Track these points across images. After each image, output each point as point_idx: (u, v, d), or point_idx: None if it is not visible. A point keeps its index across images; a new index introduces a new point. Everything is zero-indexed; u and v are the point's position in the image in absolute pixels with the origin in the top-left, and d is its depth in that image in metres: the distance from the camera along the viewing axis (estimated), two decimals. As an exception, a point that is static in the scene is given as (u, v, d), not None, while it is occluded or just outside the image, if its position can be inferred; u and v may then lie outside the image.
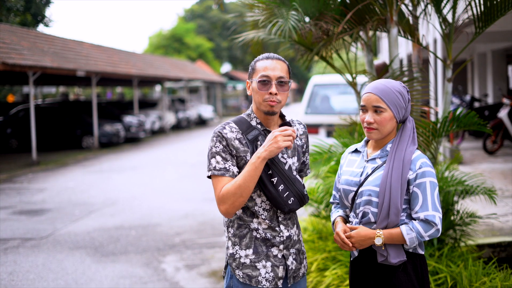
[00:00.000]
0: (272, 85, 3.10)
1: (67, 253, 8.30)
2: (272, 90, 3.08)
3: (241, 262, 3.18)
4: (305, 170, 3.45)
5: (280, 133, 2.98)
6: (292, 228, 3.26)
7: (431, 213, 3.05)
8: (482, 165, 12.27)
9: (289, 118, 3.33)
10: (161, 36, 55.39)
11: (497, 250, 6.49)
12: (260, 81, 3.11)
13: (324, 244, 6.37)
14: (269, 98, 3.09)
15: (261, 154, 2.98)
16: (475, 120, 5.21)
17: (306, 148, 3.40)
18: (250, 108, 3.26)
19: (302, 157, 3.36)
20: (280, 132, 2.98)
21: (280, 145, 2.96)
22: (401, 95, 3.14)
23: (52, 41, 23.78)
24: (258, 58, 3.21)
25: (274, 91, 3.09)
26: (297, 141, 3.30)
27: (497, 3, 5.37)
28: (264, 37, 6.47)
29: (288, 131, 2.99)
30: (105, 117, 26.27)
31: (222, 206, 3.06)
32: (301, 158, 3.35)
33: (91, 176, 16.51)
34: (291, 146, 3.00)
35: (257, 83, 3.11)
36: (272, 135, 2.99)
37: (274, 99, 3.09)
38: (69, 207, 11.76)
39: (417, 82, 5.79)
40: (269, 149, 2.97)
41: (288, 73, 3.19)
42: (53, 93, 47.02)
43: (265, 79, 3.10)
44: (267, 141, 3.00)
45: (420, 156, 3.14)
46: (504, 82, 20.31)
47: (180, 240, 8.94)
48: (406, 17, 5.99)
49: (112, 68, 26.37)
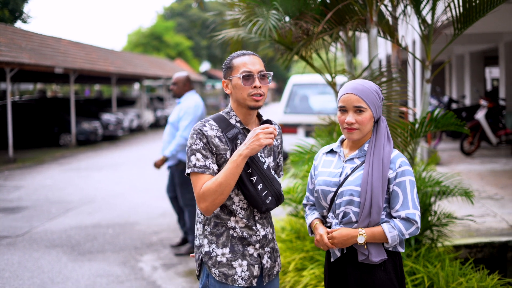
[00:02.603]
0: (255, 79, 3.13)
1: (44, 252, 8.23)
2: (256, 84, 3.12)
3: (218, 260, 3.17)
4: (278, 172, 3.45)
5: (262, 131, 2.99)
6: (267, 227, 3.28)
7: (412, 211, 3.09)
8: (459, 166, 12.37)
9: (265, 117, 3.33)
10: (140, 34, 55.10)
11: (473, 251, 6.54)
12: (244, 76, 3.12)
13: (302, 244, 6.37)
14: (254, 92, 3.12)
15: (243, 152, 2.99)
16: (453, 120, 5.23)
17: (280, 149, 3.42)
18: (229, 107, 3.26)
19: (276, 158, 3.37)
20: (262, 130, 2.99)
21: (262, 143, 2.97)
22: (377, 94, 3.19)
23: (30, 37, 23.56)
24: (233, 56, 3.23)
25: (259, 84, 3.12)
26: (274, 141, 3.30)
27: (476, 5, 5.40)
28: (244, 35, 6.45)
29: (269, 129, 3.01)
30: (83, 114, 26.06)
31: (202, 203, 3.05)
32: (276, 159, 3.36)
33: (69, 174, 16.39)
34: (272, 144, 3.01)
35: (241, 79, 3.12)
36: (254, 132, 3.00)
37: (259, 91, 3.12)
38: (46, 205, 11.66)
39: (396, 82, 5.81)
40: (250, 146, 2.98)
41: (264, 67, 3.23)
42: (30, 90, 46.59)
43: (248, 74, 3.12)
44: (248, 138, 3.01)
45: (399, 155, 3.17)
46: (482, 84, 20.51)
47: (157, 239, 8.90)
48: (385, 18, 6.01)
49: (91, 65, 26.20)
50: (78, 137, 24.69)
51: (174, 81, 7.92)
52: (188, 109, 7.69)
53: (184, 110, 7.71)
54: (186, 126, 7.61)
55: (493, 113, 14.51)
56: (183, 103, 7.80)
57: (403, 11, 6.05)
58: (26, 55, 20.41)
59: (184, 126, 7.62)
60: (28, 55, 20.59)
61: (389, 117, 5.51)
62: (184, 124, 7.63)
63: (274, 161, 3.32)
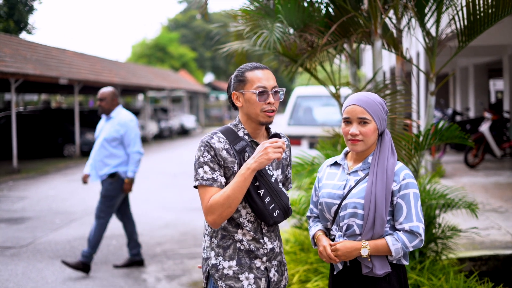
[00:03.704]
0: (270, 95, 3.12)
1: (47, 262, 8.22)
2: (271, 100, 3.12)
3: (224, 273, 3.16)
4: (287, 184, 3.44)
5: (271, 145, 2.98)
6: (275, 240, 3.26)
7: (416, 224, 3.08)
8: (464, 178, 12.34)
9: (273, 130, 3.33)
10: (145, 45, 55.21)
11: (478, 264, 6.51)
12: (259, 92, 3.11)
13: (306, 256, 6.35)
14: (267, 108, 3.12)
15: (251, 165, 2.98)
16: (457, 133, 5.23)
17: (289, 161, 3.40)
18: (237, 119, 3.24)
19: (285, 170, 3.35)
20: (271, 144, 2.99)
21: (270, 157, 2.96)
22: (382, 106, 3.19)
23: (35, 48, 23.64)
24: (246, 68, 3.19)
25: (273, 101, 3.12)
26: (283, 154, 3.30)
27: (480, 18, 5.42)
28: (248, 48, 6.48)
29: (278, 143, 3.00)
30: (87, 125, 26.06)
31: (210, 216, 3.04)
32: (284, 172, 3.35)
33: (72, 184, 16.39)
34: (280, 158, 3.00)
35: (256, 94, 3.11)
36: (262, 146, 2.99)
37: (272, 107, 3.12)
38: (50, 216, 11.66)
39: (400, 95, 5.82)
40: (259, 160, 2.97)
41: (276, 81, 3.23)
42: (35, 101, 46.67)
43: (263, 90, 3.11)
44: (257, 152, 3.00)
45: (403, 168, 3.16)
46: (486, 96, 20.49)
47: (161, 250, 8.89)
48: (390, 30, 6.02)
49: (95, 76, 26.26)
50: (82, 147, 24.71)
51: (101, 96, 7.66)
52: (128, 123, 7.66)
53: (123, 125, 7.65)
54: (135, 140, 7.64)
55: (497, 125, 14.49)
56: (116, 118, 7.70)
57: (408, 23, 6.07)
58: (31, 66, 20.47)
59: (133, 141, 7.64)
60: (32, 66, 20.64)
61: (393, 129, 5.51)
62: (132, 140, 7.64)
63: (283, 173, 3.32)
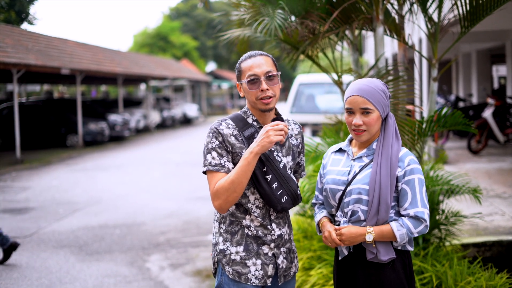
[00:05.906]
0: (262, 82, 3.11)
1: (51, 252, 8.24)
2: (263, 87, 3.11)
3: (232, 258, 3.17)
4: (299, 172, 3.45)
5: (272, 128, 2.99)
6: (283, 227, 3.26)
7: (420, 209, 3.07)
8: (467, 164, 12.33)
9: (284, 117, 3.32)
10: (146, 35, 55.12)
11: (482, 250, 6.51)
12: (249, 81, 3.12)
13: (310, 243, 6.35)
14: (262, 95, 3.11)
15: (254, 149, 2.99)
16: (460, 120, 5.20)
17: (301, 148, 3.41)
18: (246, 106, 3.27)
19: (297, 158, 3.36)
20: (272, 127, 2.99)
21: (271, 140, 2.97)
22: (384, 93, 3.16)
23: (37, 38, 23.61)
24: (242, 59, 3.22)
25: (265, 87, 3.11)
26: (293, 141, 3.31)
27: (482, 3, 5.38)
28: (250, 35, 6.45)
29: (279, 125, 3.00)
30: (90, 115, 26.13)
31: (216, 201, 3.06)
32: (296, 159, 3.35)
33: (76, 174, 16.42)
34: (283, 140, 3.01)
35: (246, 83, 3.13)
36: (264, 130, 3.00)
37: (267, 94, 3.11)
38: (53, 206, 11.68)
39: (402, 81, 5.79)
40: (261, 143, 2.98)
41: (275, 66, 3.21)
42: (37, 91, 46.67)
43: (253, 78, 3.12)
44: (259, 136, 3.01)
45: (408, 154, 3.15)
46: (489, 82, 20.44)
47: (164, 239, 8.90)
48: (392, 16, 5.99)
49: (97, 66, 26.24)
50: (85, 137, 24.76)
51: None
52: None
53: None
54: None
55: (500, 111, 14.45)
56: None
57: (410, 9, 6.03)
58: (32, 56, 20.46)
59: None
60: (34, 56, 20.63)
61: (396, 115, 5.48)
62: None
63: (294, 160, 3.31)
